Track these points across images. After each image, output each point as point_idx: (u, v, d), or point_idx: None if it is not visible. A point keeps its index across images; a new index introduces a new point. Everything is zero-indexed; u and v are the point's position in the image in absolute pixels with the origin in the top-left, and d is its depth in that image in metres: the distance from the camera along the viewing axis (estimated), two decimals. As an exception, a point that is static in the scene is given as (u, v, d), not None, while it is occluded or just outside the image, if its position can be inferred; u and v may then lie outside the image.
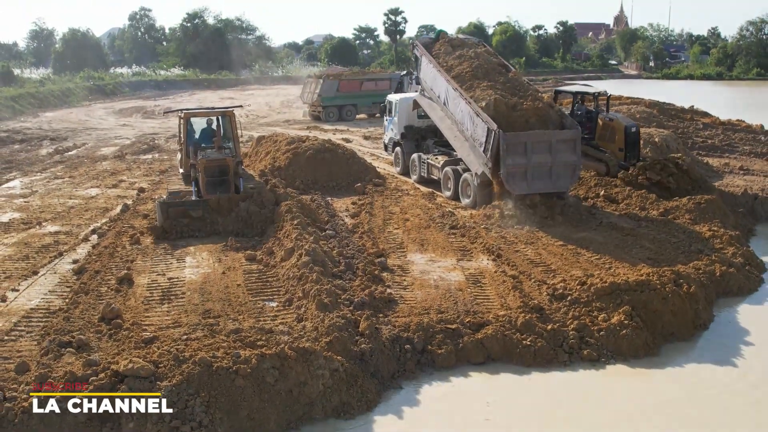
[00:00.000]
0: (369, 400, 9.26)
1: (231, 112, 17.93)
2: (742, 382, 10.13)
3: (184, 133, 18.11)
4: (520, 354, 10.43)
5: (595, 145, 20.54)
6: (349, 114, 42.15)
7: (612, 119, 20.55)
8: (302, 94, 44.73)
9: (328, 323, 10.06)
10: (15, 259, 14.00)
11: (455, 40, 22.06)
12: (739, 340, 11.45)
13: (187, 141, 17.99)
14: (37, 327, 10.60)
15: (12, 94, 50.86)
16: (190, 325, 10.40)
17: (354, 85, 42.82)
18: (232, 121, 17.78)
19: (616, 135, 20.17)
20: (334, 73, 46.21)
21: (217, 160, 16.34)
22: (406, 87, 41.56)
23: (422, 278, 12.96)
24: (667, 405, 9.46)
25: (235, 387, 8.56)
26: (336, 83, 41.89)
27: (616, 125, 20.27)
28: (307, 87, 43.65)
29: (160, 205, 15.68)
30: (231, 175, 16.42)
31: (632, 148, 20.12)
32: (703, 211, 16.81)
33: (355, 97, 42.47)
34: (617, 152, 20.12)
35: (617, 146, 20.13)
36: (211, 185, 16.17)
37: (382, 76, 45.67)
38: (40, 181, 22.75)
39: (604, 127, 20.56)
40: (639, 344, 10.72)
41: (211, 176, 16.22)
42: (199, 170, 16.27)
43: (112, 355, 9.35)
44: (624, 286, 11.53)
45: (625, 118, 21.57)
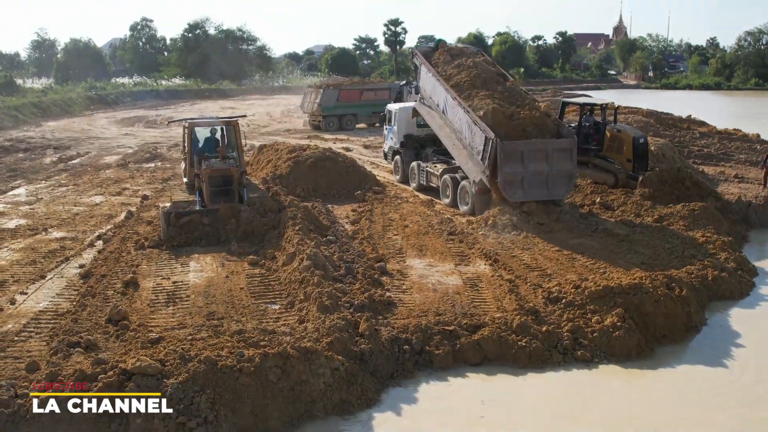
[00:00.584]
0: (369, 399, 9.55)
1: (235, 121, 18.00)
2: (733, 383, 10.39)
3: (188, 143, 18.12)
4: (515, 355, 10.71)
5: (604, 157, 20.78)
6: (348, 123, 42.55)
7: (620, 130, 20.77)
8: (302, 103, 45.14)
9: (328, 324, 10.36)
10: (23, 263, 14.31)
11: (454, 49, 22.45)
12: (730, 342, 11.73)
13: (191, 150, 18.06)
14: (46, 328, 10.90)
15: (15, 103, 51.27)
16: (195, 327, 10.71)
17: (354, 95, 43.25)
18: (236, 131, 17.84)
19: (624, 146, 20.36)
20: (334, 83, 46.59)
21: (222, 170, 16.50)
22: (405, 97, 41.98)
23: (421, 282, 13.28)
24: (659, 405, 9.74)
25: (239, 385, 8.85)
26: (336, 93, 42.33)
27: (624, 136, 20.46)
28: (308, 97, 44.06)
29: (164, 214, 15.81)
30: (235, 184, 16.58)
31: (641, 159, 20.30)
32: (697, 217, 17.12)
33: (354, 106, 42.88)
34: (625, 163, 20.32)
35: (625, 157, 20.33)
36: (215, 195, 16.28)
37: (382, 86, 46.14)
38: (45, 189, 23.09)
39: (612, 138, 20.76)
40: (631, 345, 11.00)
41: (215, 186, 16.35)
42: (204, 180, 16.39)
43: (119, 354, 9.64)
44: (617, 289, 11.84)
45: (633, 129, 21.82)
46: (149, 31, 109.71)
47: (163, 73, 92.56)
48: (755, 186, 22.59)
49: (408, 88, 43.19)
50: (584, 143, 20.85)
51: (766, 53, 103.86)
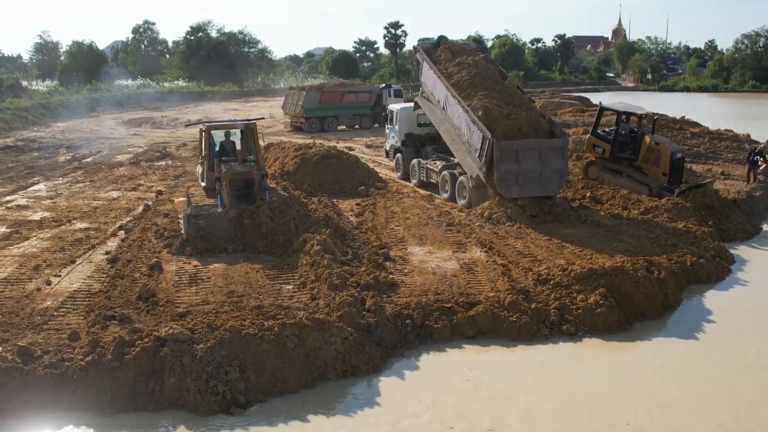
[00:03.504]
0: (375, 365, 10.72)
1: (254, 124, 17.87)
2: (703, 354, 11.57)
3: (206, 146, 17.95)
4: (507, 329, 11.88)
5: (638, 167, 20.97)
6: (330, 125, 42.98)
7: (658, 143, 20.73)
8: (284, 105, 45.49)
9: (338, 300, 11.52)
10: (52, 250, 15.44)
11: (455, 47, 23.25)
12: (703, 319, 12.92)
13: (210, 154, 17.90)
14: (82, 305, 12.02)
15: (24, 105, 52.43)
16: (218, 303, 11.86)
17: (336, 97, 43.70)
18: (254, 133, 17.66)
19: (661, 160, 20.37)
20: (316, 85, 47.04)
21: (242, 173, 16.35)
22: (384, 99, 43.20)
23: (421, 266, 14.42)
24: (636, 372, 10.89)
25: (261, 350, 10.02)
26: (319, 95, 42.81)
27: (662, 149, 20.47)
28: (290, 99, 44.53)
29: (186, 217, 15.81)
30: (256, 187, 16.41)
31: (677, 173, 20.51)
32: (681, 210, 18.24)
33: (336, 108, 43.34)
34: (660, 176, 20.40)
35: (661, 170, 20.38)
36: (236, 198, 16.05)
37: (363, 89, 46.59)
38: (63, 185, 24.23)
39: (649, 150, 20.71)
40: (612, 321, 12.18)
41: (236, 189, 16.13)
42: (224, 183, 16.17)
43: (152, 325, 10.78)
44: (600, 271, 13.03)
45: (671, 143, 21.90)
46: (151, 33, 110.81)
47: (166, 76, 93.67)
48: (740, 182, 23.72)
49: (387, 91, 44.52)
50: (619, 151, 21.17)
51: (762, 56, 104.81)
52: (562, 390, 10.22)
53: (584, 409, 9.63)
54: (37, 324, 11.08)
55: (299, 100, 42.81)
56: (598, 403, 9.81)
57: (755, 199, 21.52)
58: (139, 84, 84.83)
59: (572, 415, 9.48)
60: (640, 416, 9.44)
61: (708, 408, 9.72)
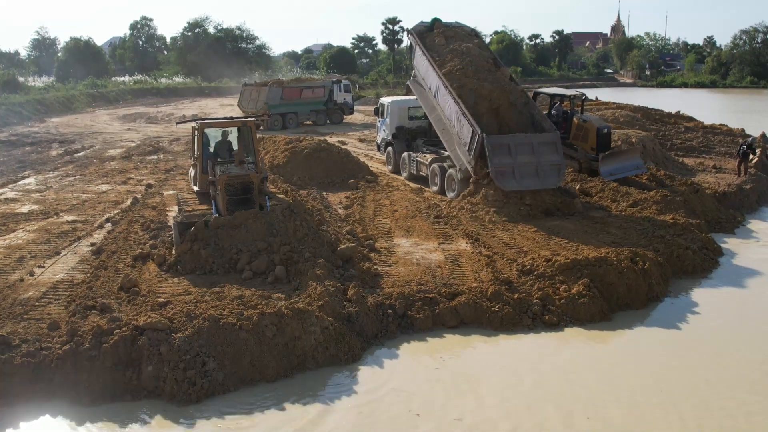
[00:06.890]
0: (354, 354, 10.72)
1: (252, 122, 15.92)
2: (684, 342, 11.63)
3: (199, 146, 15.64)
4: (489, 318, 11.87)
5: (570, 144, 21.90)
6: (291, 122, 41.62)
7: (586, 120, 21.99)
8: (240, 101, 44.13)
9: (320, 290, 11.48)
10: (38, 242, 15.40)
11: (449, 31, 22.75)
12: (687, 310, 12.93)
13: (203, 155, 15.61)
14: (64, 295, 11.99)
15: (19, 100, 52.33)
16: (199, 293, 11.82)
17: (295, 93, 42.46)
18: (252, 133, 15.69)
19: (589, 136, 21.61)
20: (277, 81, 45.78)
21: (240, 176, 14.40)
22: (335, 94, 43.09)
23: (406, 258, 14.40)
24: (615, 360, 10.90)
25: (239, 339, 10.01)
26: (280, 91, 41.71)
27: (589, 126, 21.72)
28: (246, 95, 43.40)
29: (177, 225, 14.16)
30: (255, 192, 14.46)
31: (604, 147, 21.44)
32: (669, 202, 18.21)
33: (296, 104, 42.19)
34: (589, 151, 21.55)
35: (590, 145, 21.58)
36: (233, 204, 14.20)
37: (318, 84, 45.40)
38: (53, 179, 24.17)
39: (578, 127, 21.97)
40: (594, 311, 12.18)
41: (233, 194, 14.31)
42: (219, 188, 14.32)
43: (132, 315, 10.76)
44: (584, 261, 13.02)
45: (598, 120, 22.99)
46: (149, 29, 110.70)
47: (163, 72, 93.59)
48: (731, 176, 23.71)
49: (338, 87, 44.26)
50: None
51: (761, 52, 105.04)
52: (538, 379, 10.22)
53: (557, 399, 9.64)
54: (18, 314, 11.04)
55: (260, 95, 41.52)
56: (569, 391, 9.83)
57: (745, 192, 21.49)
58: (136, 80, 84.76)
59: (545, 405, 9.48)
60: (605, 407, 9.43)
61: (676, 399, 9.68)
